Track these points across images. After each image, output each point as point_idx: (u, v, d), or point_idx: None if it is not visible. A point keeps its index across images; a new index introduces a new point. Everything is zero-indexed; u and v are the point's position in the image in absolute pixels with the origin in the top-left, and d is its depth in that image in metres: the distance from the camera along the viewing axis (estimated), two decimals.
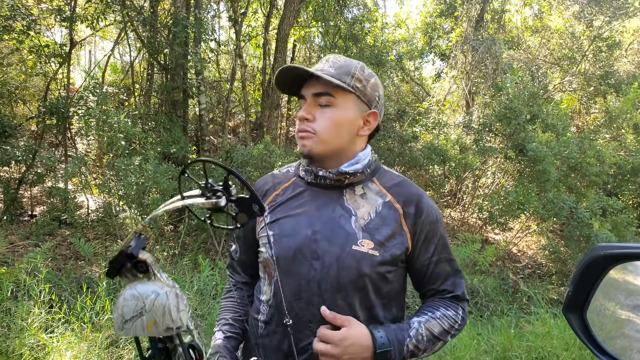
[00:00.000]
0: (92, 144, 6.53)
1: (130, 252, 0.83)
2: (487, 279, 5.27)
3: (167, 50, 5.65)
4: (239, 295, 1.25)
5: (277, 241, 1.08)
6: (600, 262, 0.72)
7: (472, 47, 8.40)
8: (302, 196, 1.12)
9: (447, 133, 7.46)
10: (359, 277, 1.03)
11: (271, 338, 1.09)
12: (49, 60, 5.89)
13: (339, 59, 1.09)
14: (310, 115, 1.06)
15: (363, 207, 1.08)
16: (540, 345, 3.69)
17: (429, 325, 1.07)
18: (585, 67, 9.49)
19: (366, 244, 1.04)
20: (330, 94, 1.06)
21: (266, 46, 7.56)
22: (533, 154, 5.60)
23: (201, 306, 3.80)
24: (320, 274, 1.04)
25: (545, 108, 6.67)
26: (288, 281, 1.06)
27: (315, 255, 1.04)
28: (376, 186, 1.12)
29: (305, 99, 1.08)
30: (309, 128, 1.06)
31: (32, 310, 3.20)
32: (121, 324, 0.81)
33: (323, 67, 1.07)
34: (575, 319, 0.76)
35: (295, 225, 1.08)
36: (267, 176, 1.24)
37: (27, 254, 4.05)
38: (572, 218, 5.68)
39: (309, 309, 1.04)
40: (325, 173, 1.09)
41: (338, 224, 1.06)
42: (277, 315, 1.08)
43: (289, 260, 1.06)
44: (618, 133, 8.11)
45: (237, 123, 9.26)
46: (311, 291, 1.04)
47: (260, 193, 1.18)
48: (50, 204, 5.49)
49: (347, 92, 1.06)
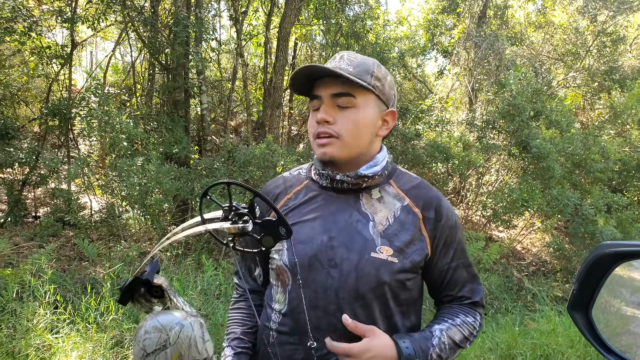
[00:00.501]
0: (95, 145, 6.54)
1: (146, 278, 0.80)
2: (492, 276, 5.25)
3: (168, 50, 5.66)
4: (247, 306, 1.20)
5: (290, 248, 1.03)
6: (605, 260, 0.71)
7: (475, 44, 8.37)
8: (316, 200, 1.07)
9: (450, 130, 7.43)
10: (378, 285, 0.99)
11: (283, 347, 1.05)
12: (51, 62, 5.90)
13: (356, 57, 1.03)
14: (330, 118, 1.00)
15: (381, 212, 1.04)
16: (545, 342, 3.67)
17: (451, 333, 1.03)
18: (590, 63, 9.43)
19: (385, 251, 1.00)
20: (351, 94, 1.00)
21: (267, 45, 7.55)
22: (537, 150, 5.57)
23: (205, 306, 3.80)
24: (338, 282, 0.99)
25: (549, 104, 6.63)
26: (304, 289, 1.01)
27: (332, 263, 1.00)
28: (394, 189, 1.07)
29: (321, 100, 1.02)
30: (330, 131, 1.00)
31: (38, 311, 3.21)
32: (142, 358, 0.76)
33: (339, 65, 1.00)
34: (580, 318, 0.76)
35: (310, 232, 1.03)
36: (278, 178, 1.20)
37: (32, 255, 4.06)
38: (577, 215, 5.65)
39: (327, 318, 1.00)
40: (343, 177, 1.04)
41: (355, 229, 1.01)
42: (291, 324, 1.04)
43: (305, 268, 1.01)
44: (623, 129, 8.05)
45: (239, 122, 9.26)
46: (328, 299, 0.99)
47: (272, 196, 1.13)
48: (53, 205, 5.51)
49: (368, 91, 1.01)
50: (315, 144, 1.04)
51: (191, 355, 0.76)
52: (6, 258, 4.19)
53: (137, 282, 0.80)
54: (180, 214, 5.53)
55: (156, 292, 0.82)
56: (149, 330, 0.76)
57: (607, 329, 0.77)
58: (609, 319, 0.84)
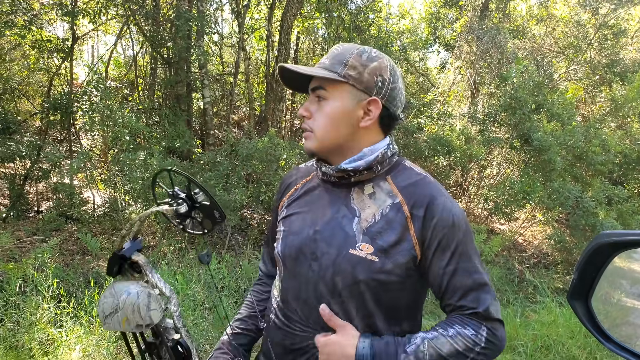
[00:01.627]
0: (97, 139, 6.54)
1: (122, 254, 0.90)
2: (493, 268, 5.27)
3: (170, 44, 5.64)
4: (261, 290, 1.26)
5: (284, 238, 1.07)
6: (604, 250, 0.71)
7: (477, 37, 8.33)
8: (314, 193, 1.09)
9: (452, 124, 7.43)
10: (354, 283, 0.95)
11: (277, 332, 1.08)
12: (52, 56, 5.88)
13: (338, 48, 1.02)
14: (307, 113, 1.02)
15: (369, 208, 0.99)
16: (546, 333, 3.69)
17: (436, 343, 0.93)
18: (591, 56, 9.39)
19: (365, 249, 0.95)
20: (322, 87, 0.99)
21: (269, 38, 7.53)
22: (538, 143, 5.56)
23: (208, 299, 3.83)
24: (317, 276, 0.99)
25: (550, 97, 6.62)
26: (291, 280, 1.05)
27: (314, 256, 1.00)
28: (388, 185, 1.01)
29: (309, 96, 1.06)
30: (306, 126, 1.03)
31: (41, 305, 3.23)
32: (103, 319, 0.90)
33: (323, 59, 1.02)
34: (580, 307, 0.76)
35: (301, 223, 1.05)
36: (295, 168, 1.22)
37: (35, 249, 4.08)
38: (578, 207, 5.66)
39: (309, 310, 1.01)
40: (327, 169, 1.02)
41: (339, 224, 0.99)
42: (284, 311, 1.07)
43: (292, 259, 1.04)
44: (624, 122, 8.04)
45: (242, 116, 9.25)
46: (308, 292, 1.00)
47: (284, 186, 1.18)
48: (56, 200, 5.52)
49: (340, 82, 0.97)
50: None
51: (135, 320, 0.87)
52: (9, 252, 4.21)
53: (116, 257, 0.90)
54: None
55: (137, 268, 0.92)
56: (106, 295, 0.89)
57: (607, 320, 0.78)
58: (609, 309, 0.84)
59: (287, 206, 1.12)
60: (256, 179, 5.42)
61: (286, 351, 1.05)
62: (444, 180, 6.89)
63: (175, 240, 4.98)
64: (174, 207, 0.95)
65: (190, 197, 0.95)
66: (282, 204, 1.15)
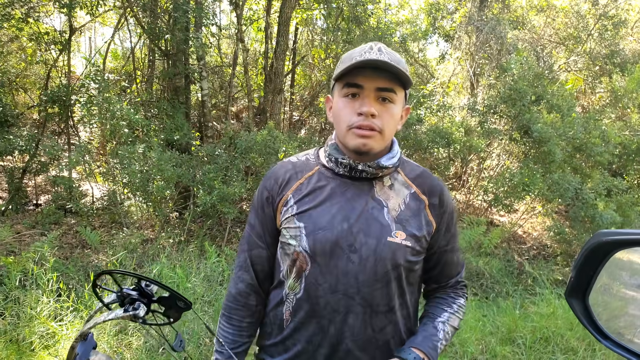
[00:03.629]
0: (95, 132, 6.51)
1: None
2: (492, 261, 5.28)
3: (168, 36, 5.59)
4: (242, 316, 1.17)
5: (310, 233, 1.06)
6: (602, 249, 0.72)
7: (477, 28, 8.27)
8: (330, 187, 1.09)
9: (451, 115, 7.40)
10: (394, 267, 1.05)
11: (300, 332, 1.09)
12: (49, 48, 5.84)
13: (392, 51, 1.05)
14: (376, 112, 1.03)
15: (393, 199, 1.09)
16: (544, 325, 3.71)
17: (451, 322, 1.15)
18: (591, 46, 9.34)
19: (399, 235, 1.06)
20: (394, 90, 1.04)
21: (268, 30, 7.47)
22: (538, 135, 5.55)
23: (208, 293, 3.83)
24: (358, 267, 1.04)
25: (550, 89, 6.59)
26: (324, 275, 1.05)
27: (352, 249, 1.04)
28: (401, 177, 1.13)
29: (361, 90, 1.03)
30: (375, 126, 1.03)
31: (41, 299, 3.24)
32: None
33: (382, 58, 1.01)
34: (577, 304, 0.78)
35: (330, 218, 1.06)
36: (285, 162, 1.20)
37: (34, 243, 4.08)
38: (577, 199, 5.66)
39: (345, 301, 1.05)
40: (365, 167, 1.07)
41: (372, 215, 1.06)
42: (308, 308, 1.07)
43: (326, 254, 1.05)
44: (623, 112, 8.02)
45: (240, 108, 9.21)
46: (348, 283, 1.04)
47: (282, 181, 1.14)
48: (55, 193, 5.51)
49: (403, 88, 1.06)
50: (352, 134, 1.05)
51: None
52: (8, 246, 4.21)
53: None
54: (182, 200, 5.54)
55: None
56: None
57: (606, 312, 0.79)
58: (608, 301, 0.86)
59: (297, 202, 1.10)
60: (255, 172, 5.41)
61: (315, 346, 1.08)
62: (444, 172, 6.88)
63: (175, 233, 4.98)
64: (130, 312, 0.85)
65: (144, 293, 0.86)
66: (286, 200, 1.11)
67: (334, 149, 1.11)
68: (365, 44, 1.07)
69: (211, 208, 4.83)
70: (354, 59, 1.01)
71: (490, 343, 3.46)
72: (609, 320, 0.79)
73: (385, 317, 1.08)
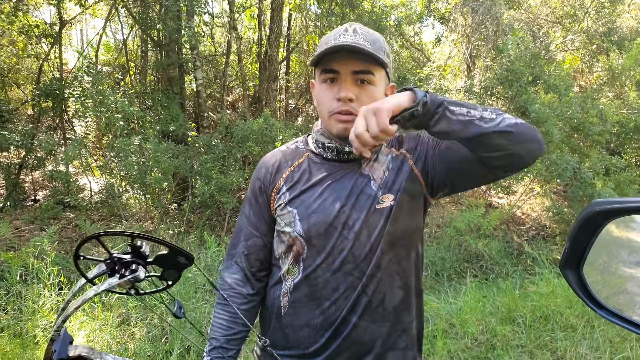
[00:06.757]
0: (90, 126, 6.48)
1: (59, 359, 0.73)
2: (492, 242, 5.30)
3: (159, 26, 5.53)
4: (236, 304, 1.15)
5: (304, 218, 1.07)
6: (596, 218, 0.72)
7: (472, 9, 8.18)
8: (321, 171, 1.11)
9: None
10: (387, 233, 1.06)
11: (299, 315, 1.10)
12: (40, 41, 5.78)
13: (368, 31, 1.05)
14: (353, 96, 1.03)
15: (377, 170, 1.10)
16: (544, 304, 3.74)
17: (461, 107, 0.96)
18: (588, 25, 9.26)
19: (387, 199, 1.06)
20: (371, 72, 1.03)
21: (261, 17, 7.39)
22: (536, 115, 5.53)
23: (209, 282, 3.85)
24: (352, 241, 1.05)
25: (547, 69, 6.55)
26: (319, 256, 1.07)
27: (346, 226, 1.06)
28: (383, 148, 1.15)
29: (338, 75, 1.03)
30: (353, 110, 1.03)
31: (42, 293, 3.25)
32: None
33: (357, 40, 1.01)
34: (572, 275, 0.77)
35: (322, 201, 1.08)
36: (275, 152, 1.21)
37: (33, 238, 4.08)
38: (575, 179, 5.66)
39: (344, 277, 1.06)
40: (352, 149, 1.06)
41: (361, 190, 1.08)
42: (307, 290, 1.08)
43: (322, 235, 1.06)
44: (621, 91, 7.98)
45: (236, 98, 9.16)
46: (346, 260, 1.06)
47: (272, 169, 1.16)
48: (52, 188, 5.50)
49: (382, 68, 1.05)
50: (333, 120, 1.06)
51: None
52: (8, 242, 4.22)
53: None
54: (181, 191, 5.54)
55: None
56: None
57: (605, 289, 0.78)
58: (607, 279, 0.85)
59: (289, 189, 1.11)
60: (252, 161, 5.39)
61: (314, 329, 1.08)
62: None
63: (174, 224, 4.99)
64: (128, 276, 0.73)
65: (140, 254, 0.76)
66: (279, 188, 1.13)
67: (320, 134, 1.13)
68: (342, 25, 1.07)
69: (210, 198, 4.83)
70: (329, 44, 1.01)
71: (491, 323, 3.49)
72: (608, 297, 0.78)
73: (379, 279, 1.07)
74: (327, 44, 1.02)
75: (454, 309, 3.74)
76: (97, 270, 0.79)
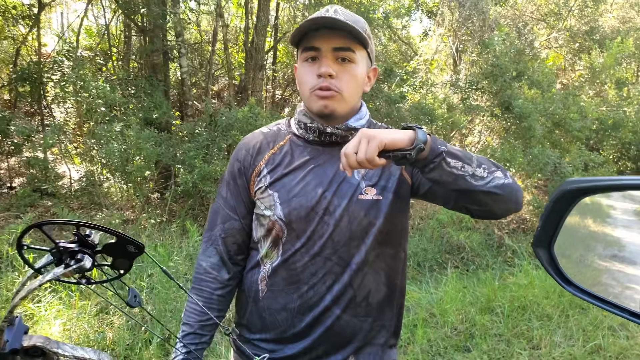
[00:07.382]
0: (71, 112, 6.33)
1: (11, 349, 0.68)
2: (473, 234, 5.37)
3: (143, 11, 5.41)
4: (212, 288, 1.13)
5: (285, 201, 1.06)
6: (568, 196, 0.74)
7: (459, 3, 8.22)
8: (303, 154, 1.09)
9: (434, 92, 7.40)
10: (369, 224, 1.06)
11: (276, 299, 1.08)
12: (17, 23, 5.61)
13: (350, 13, 1.05)
14: (334, 72, 1.02)
15: None
16: (522, 294, 3.82)
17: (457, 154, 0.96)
18: (571, 23, 9.40)
19: (370, 192, 1.06)
20: (352, 49, 1.02)
21: (248, 5, 7.30)
22: (519, 110, 5.61)
23: (191, 271, 3.82)
24: (332, 228, 1.05)
25: (531, 65, 6.64)
26: (300, 240, 1.05)
27: (326, 212, 1.05)
28: None
29: (319, 52, 1.03)
30: (333, 87, 1.02)
31: (17, 281, 3.18)
32: None
33: (337, 18, 1.00)
34: (543, 253, 0.79)
35: (304, 185, 1.06)
36: (256, 133, 1.18)
37: (8, 225, 3.99)
38: (556, 173, 5.77)
39: (323, 262, 1.05)
40: (333, 129, 1.07)
41: (344, 178, 1.07)
42: (286, 274, 1.07)
43: (302, 220, 1.05)
44: (601, 89, 8.13)
45: (221, 87, 9.06)
46: (325, 245, 1.05)
47: (253, 151, 1.12)
48: (30, 175, 5.37)
49: (363, 47, 1.04)
50: (314, 97, 1.04)
51: None
52: None
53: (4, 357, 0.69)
54: (163, 180, 5.46)
55: (35, 353, 0.70)
56: None
57: (582, 282, 0.80)
58: (583, 272, 0.89)
59: (270, 171, 1.09)
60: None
61: (292, 313, 1.07)
62: None
63: (156, 214, 4.92)
64: (73, 266, 0.71)
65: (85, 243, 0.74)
66: (259, 170, 1.10)
67: (303, 115, 1.11)
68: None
69: (192, 187, 4.78)
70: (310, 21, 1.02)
71: (470, 313, 3.54)
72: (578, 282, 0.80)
73: (365, 273, 1.07)
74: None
75: (434, 299, 3.78)
76: (45, 260, 0.77)
